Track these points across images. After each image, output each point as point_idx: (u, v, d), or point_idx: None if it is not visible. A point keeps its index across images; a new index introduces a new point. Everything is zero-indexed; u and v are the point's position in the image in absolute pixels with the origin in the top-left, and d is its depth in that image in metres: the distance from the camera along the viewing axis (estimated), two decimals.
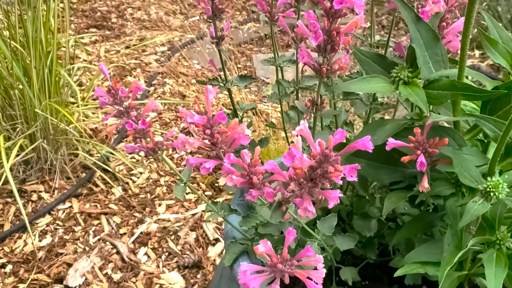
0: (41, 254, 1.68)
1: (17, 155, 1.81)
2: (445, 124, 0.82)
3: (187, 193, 1.97)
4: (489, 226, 0.72)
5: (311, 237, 0.80)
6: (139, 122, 0.86)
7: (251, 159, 0.66)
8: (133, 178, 2.02)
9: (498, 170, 0.73)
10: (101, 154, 2.02)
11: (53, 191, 1.92)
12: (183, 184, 0.91)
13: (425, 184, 0.69)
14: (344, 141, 0.55)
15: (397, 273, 0.73)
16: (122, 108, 0.89)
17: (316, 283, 0.59)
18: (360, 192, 0.93)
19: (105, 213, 1.85)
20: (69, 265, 1.66)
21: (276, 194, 0.68)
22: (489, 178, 0.68)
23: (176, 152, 2.16)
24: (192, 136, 0.70)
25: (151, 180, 2.01)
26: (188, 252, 1.73)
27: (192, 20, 3.39)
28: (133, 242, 1.76)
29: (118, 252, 1.72)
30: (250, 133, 0.69)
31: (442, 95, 0.71)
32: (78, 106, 1.98)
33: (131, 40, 3.04)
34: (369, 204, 0.92)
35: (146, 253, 1.73)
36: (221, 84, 0.91)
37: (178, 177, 0.89)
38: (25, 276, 1.61)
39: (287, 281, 0.61)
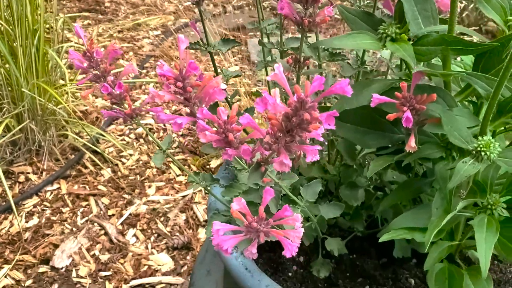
0: (27, 235, 1.65)
1: (3, 136, 1.77)
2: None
3: (177, 175, 1.93)
4: (480, 190, 0.69)
5: (294, 204, 0.76)
6: (115, 86, 0.82)
7: (228, 116, 0.62)
8: (123, 160, 1.98)
9: (490, 130, 0.69)
10: (91, 136, 1.98)
11: (41, 172, 1.88)
12: (162, 153, 0.87)
13: (411, 144, 0.65)
14: (323, 88, 0.51)
15: (382, 239, 0.69)
16: (98, 72, 0.84)
17: (294, 243, 0.56)
18: (347, 161, 0.89)
19: (94, 195, 1.81)
20: (56, 246, 1.62)
21: (255, 154, 0.64)
22: (480, 138, 0.64)
23: (167, 134, 2.12)
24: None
25: (141, 162, 1.97)
26: (177, 234, 1.69)
27: (186, 5, 3.34)
28: (121, 224, 1.72)
29: (106, 233, 1.68)
30: (226, 87, 0.65)
31: (431, 51, 0.67)
32: (66, 85, 1.94)
33: (124, 24, 2.99)
34: (356, 174, 0.88)
35: (134, 235, 1.69)
36: (203, 48, 0.87)
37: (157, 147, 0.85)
38: (11, 257, 1.58)
39: (262, 240, 0.58)
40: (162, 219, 1.75)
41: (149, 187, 1.87)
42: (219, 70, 0.95)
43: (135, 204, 1.79)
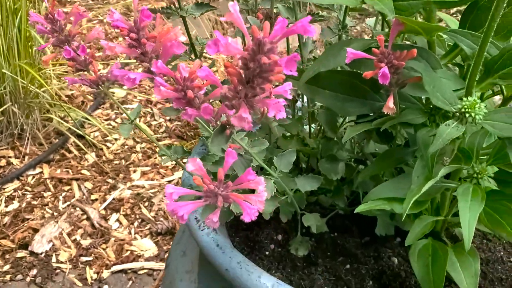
0: (6, 219, 1.60)
1: None
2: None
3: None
4: (465, 157, 0.63)
5: (267, 175, 0.71)
6: (79, 50, 0.77)
7: (189, 73, 0.57)
8: (108, 144, 1.93)
9: (477, 92, 0.64)
10: (74, 121, 1.93)
11: (23, 157, 1.83)
12: (130, 123, 0.82)
13: (390, 104, 0.60)
14: (285, 31, 0.46)
15: (358, 209, 0.64)
16: (61, 36, 0.79)
17: (254, 207, 0.50)
18: (328, 134, 0.84)
19: (77, 179, 1.76)
20: (36, 231, 1.57)
21: (219, 115, 0.59)
22: (464, 98, 0.59)
23: (155, 119, 2.07)
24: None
25: (126, 147, 1.91)
26: (161, 219, 1.64)
27: None
28: (104, 209, 1.67)
29: (88, 218, 1.63)
30: (185, 39, 0.59)
31: (413, 5, 0.62)
32: (49, 68, 1.88)
33: (116, 8, 2.93)
34: (337, 147, 0.83)
35: (118, 220, 1.64)
36: (175, 12, 0.81)
37: (127, 118, 0.80)
38: None
39: (219, 204, 0.52)
40: (146, 204, 1.70)
41: (134, 171, 1.82)
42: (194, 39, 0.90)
43: (119, 188, 1.74)
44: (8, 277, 1.45)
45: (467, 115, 0.58)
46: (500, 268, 0.79)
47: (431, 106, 0.68)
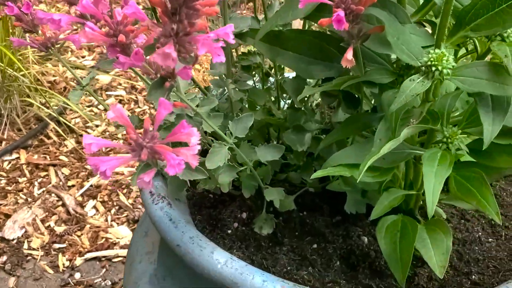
0: None
1: None
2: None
3: None
4: (434, 120, 0.57)
5: (221, 141, 0.65)
6: (23, 7, 0.71)
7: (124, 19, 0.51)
8: (89, 130, 1.87)
9: (449, 49, 0.58)
10: (51, 106, 1.87)
11: (0, 142, 1.78)
12: (80, 89, 0.76)
13: (348, 56, 0.54)
14: None
15: (315, 175, 0.58)
16: None
17: (176, 159, 0.44)
18: (296, 104, 0.78)
19: (54, 165, 1.71)
20: (8, 217, 1.52)
21: (159, 66, 0.53)
22: (431, 51, 0.53)
23: (139, 107, 2.01)
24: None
25: (107, 133, 1.86)
26: (139, 206, 1.58)
27: None
28: (81, 195, 1.61)
29: (63, 205, 1.58)
30: None
31: None
32: (28, 51, 1.83)
33: None
34: (305, 117, 0.77)
35: (94, 206, 1.59)
36: None
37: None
38: None
39: (144, 157, 0.47)
40: (124, 191, 1.64)
41: None
42: None
43: (98, 175, 1.68)
44: None
45: (433, 68, 0.52)
46: (477, 249, 0.73)
47: (400, 66, 0.62)
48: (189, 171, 0.61)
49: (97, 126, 1.88)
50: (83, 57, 2.22)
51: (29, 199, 1.58)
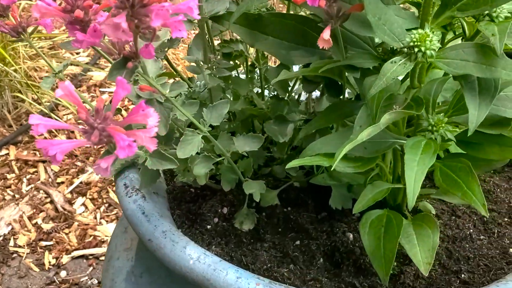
0: None
1: None
2: None
3: None
4: (417, 104, 0.54)
5: (194, 130, 0.61)
6: None
7: None
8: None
9: (435, 31, 0.54)
10: (43, 103, 1.84)
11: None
12: (53, 76, 0.73)
13: (324, 36, 0.50)
14: None
15: (290, 165, 0.54)
16: None
17: (126, 147, 0.41)
18: (279, 93, 0.75)
19: (44, 161, 1.67)
20: None
21: (121, 45, 0.49)
22: (414, 31, 0.49)
23: (133, 104, 1.98)
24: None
25: None
26: None
27: None
28: (70, 192, 1.58)
29: (52, 202, 1.54)
30: None
31: None
32: (19, 45, 1.80)
33: None
34: (288, 107, 0.73)
35: (83, 204, 1.55)
36: None
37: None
38: None
39: (94, 139, 0.43)
40: (114, 188, 1.60)
41: None
42: None
43: (88, 172, 1.65)
44: None
45: (416, 49, 0.49)
46: (468, 246, 0.70)
47: (385, 50, 0.59)
48: (159, 160, 0.58)
49: None
50: (77, 53, 2.19)
51: (17, 196, 1.55)
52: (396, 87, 0.55)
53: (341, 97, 0.65)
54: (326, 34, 0.50)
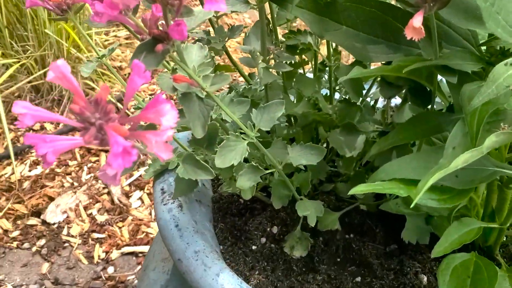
0: (26, 184, 1.51)
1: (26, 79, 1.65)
2: None
3: None
4: None
5: (238, 134, 0.50)
6: None
7: None
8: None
9: None
10: (113, 92, 1.82)
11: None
12: (96, 61, 0.65)
13: (414, 23, 0.37)
14: None
15: (354, 190, 0.42)
16: None
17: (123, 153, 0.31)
18: (350, 97, 0.62)
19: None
20: (51, 199, 1.47)
21: (153, 22, 0.40)
22: None
23: None
24: None
25: None
26: None
27: None
28: (129, 185, 1.54)
29: (109, 193, 1.51)
30: None
31: None
32: (92, 32, 1.79)
33: None
34: (360, 114, 0.60)
35: (140, 198, 1.50)
36: None
37: None
38: (3, 204, 1.44)
39: (88, 139, 0.33)
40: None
41: None
42: None
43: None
44: (15, 243, 1.35)
45: None
46: None
47: (492, 50, 0.45)
48: (192, 168, 0.48)
49: None
50: None
51: (76, 184, 1.53)
52: (506, 98, 0.41)
53: (429, 107, 0.52)
54: (417, 20, 0.37)
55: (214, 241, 0.63)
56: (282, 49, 0.61)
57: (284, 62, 0.58)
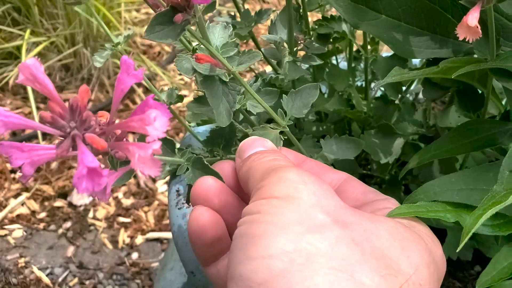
0: (54, 165, 1.50)
1: (52, 58, 1.63)
2: None
3: None
4: None
5: (265, 125, 0.45)
6: None
7: None
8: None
9: None
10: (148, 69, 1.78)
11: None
12: (110, 49, 0.60)
13: (469, 21, 0.30)
14: None
15: (392, 213, 0.36)
16: None
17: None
18: (387, 94, 0.55)
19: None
20: None
21: None
22: None
23: None
24: None
25: None
26: None
27: None
28: None
29: (135, 176, 1.48)
30: None
31: None
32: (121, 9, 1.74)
33: None
34: (398, 114, 0.54)
35: (167, 182, 1.47)
36: None
37: None
38: (31, 185, 1.44)
39: (61, 152, 0.28)
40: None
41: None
42: None
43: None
44: (42, 225, 1.35)
45: None
46: None
47: None
48: (202, 174, 0.43)
49: (185, 96, 1.76)
50: None
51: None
52: None
53: (479, 113, 0.45)
54: (472, 17, 0.30)
55: None
56: (312, 38, 0.55)
57: (313, 54, 0.51)
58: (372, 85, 0.60)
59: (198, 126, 0.64)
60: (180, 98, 0.61)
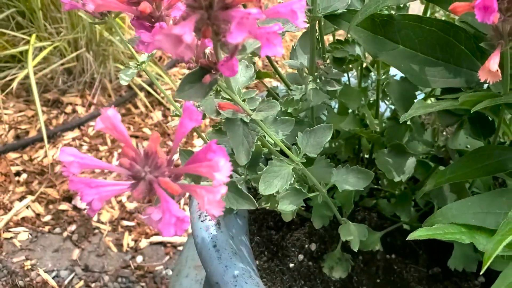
0: (58, 168, 1.52)
1: (53, 63, 1.65)
2: None
3: None
4: None
5: (283, 158, 0.48)
6: None
7: None
8: (178, 104, 1.78)
9: None
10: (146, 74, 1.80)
11: (89, 106, 1.75)
12: (135, 68, 0.63)
13: (491, 65, 0.34)
14: None
15: (412, 236, 0.39)
16: None
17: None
18: (400, 115, 0.59)
19: (136, 137, 1.64)
20: None
21: (201, 50, 0.37)
22: None
23: None
24: None
25: (199, 109, 1.75)
26: None
27: None
28: None
29: None
30: None
31: None
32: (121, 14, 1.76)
33: None
34: (410, 134, 0.57)
35: None
36: None
37: None
38: (36, 188, 1.46)
39: (138, 195, 0.31)
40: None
41: (198, 137, 1.66)
42: None
43: (177, 153, 1.58)
44: (47, 228, 1.37)
45: None
46: None
47: None
48: (234, 197, 0.46)
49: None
50: None
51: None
52: None
53: (490, 138, 0.48)
54: (493, 62, 0.33)
55: (250, 257, 0.61)
56: (328, 62, 0.58)
57: (332, 79, 0.54)
58: (382, 105, 0.64)
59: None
60: (203, 116, 0.63)
